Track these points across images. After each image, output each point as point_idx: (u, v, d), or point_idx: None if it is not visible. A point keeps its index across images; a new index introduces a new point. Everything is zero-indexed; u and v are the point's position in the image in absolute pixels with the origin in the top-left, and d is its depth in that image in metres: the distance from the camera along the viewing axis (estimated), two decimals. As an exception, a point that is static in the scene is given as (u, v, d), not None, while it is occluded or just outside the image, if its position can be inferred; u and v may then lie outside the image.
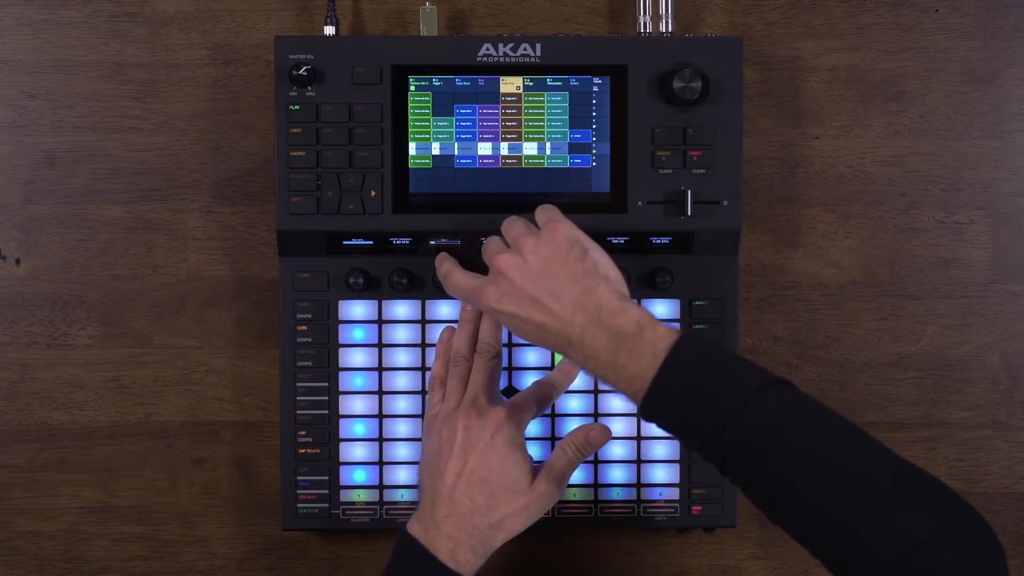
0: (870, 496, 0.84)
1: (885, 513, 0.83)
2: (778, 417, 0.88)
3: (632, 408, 1.10)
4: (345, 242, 1.09)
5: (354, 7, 1.15)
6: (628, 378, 0.92)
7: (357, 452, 1.11)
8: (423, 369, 1.11)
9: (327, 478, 1.10)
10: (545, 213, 1.01)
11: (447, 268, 1.04)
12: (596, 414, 1.11)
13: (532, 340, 0.98)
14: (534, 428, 1.10)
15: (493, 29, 1.15)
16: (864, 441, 0.88)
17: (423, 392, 1.11)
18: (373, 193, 1.08)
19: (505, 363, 1.11)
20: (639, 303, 1.10)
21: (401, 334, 1.11)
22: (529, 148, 1.09)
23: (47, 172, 1.15)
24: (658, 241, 1.10)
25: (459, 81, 1.08)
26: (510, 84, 1.08)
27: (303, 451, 1.10)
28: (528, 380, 1.10)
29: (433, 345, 1.10)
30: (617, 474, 1.11)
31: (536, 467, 1.03)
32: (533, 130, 1.09)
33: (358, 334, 1.11)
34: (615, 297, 0.95)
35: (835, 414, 0.90)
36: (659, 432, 1.11)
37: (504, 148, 1.09)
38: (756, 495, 0.89)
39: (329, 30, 1.10)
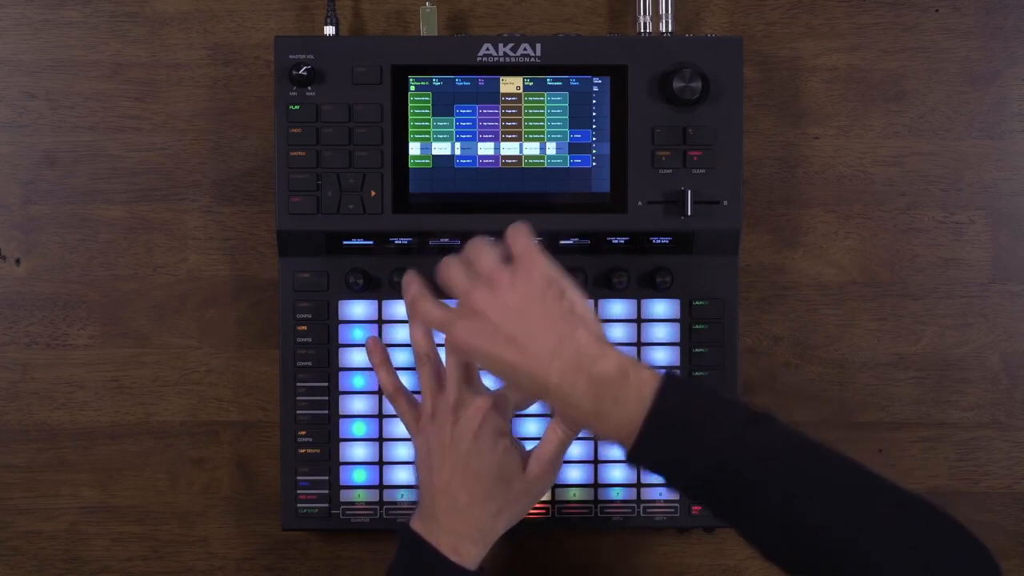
0: (876, 523, 0.83)
1: (891, 540, 0.83)
2: (770, 450, 0.87)
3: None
4: (345, 242, 1.09)
5: (354, 7, 1.15)
6: (615, 425, 0.89)
7: (357, 452, 1.11)
8: (423, 369, 1.11)
9: (327, 478, 1.10)
10: (519, 241, 0.96)
11: (414, 293, 0.98)
12: (596, 414, 1.11)
13: (502, 378, 0.95)
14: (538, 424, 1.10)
15: (493, 29, 1.15)
16: (861, 470, 0.87)
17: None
18: (373, 193, 1.08)
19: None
20: (639, 302, 1.10)
21: (401, 334, 1.11)
22: (529, 148, 1.09)
23: (47, 172, 1.15)
24: (658, 241, 1.10)
25: (459, 81, 1.08)
26: (510, 84, 1.08)
27: (303, 451, 1.10)
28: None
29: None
30: (617, 474, 1.11)
31: (528, 453, 1.02)
32: (533, 130, 1.09)
33: (358, 334, 1.11)
34: (594, 341, 0.91)
35: (825, 445, 0.89)
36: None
37: (504, 148, 1.09)
38: (751, 531, 0.88)
39: (329, 30, 1.10)
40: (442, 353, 1.04)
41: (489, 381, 1.03)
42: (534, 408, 1.10)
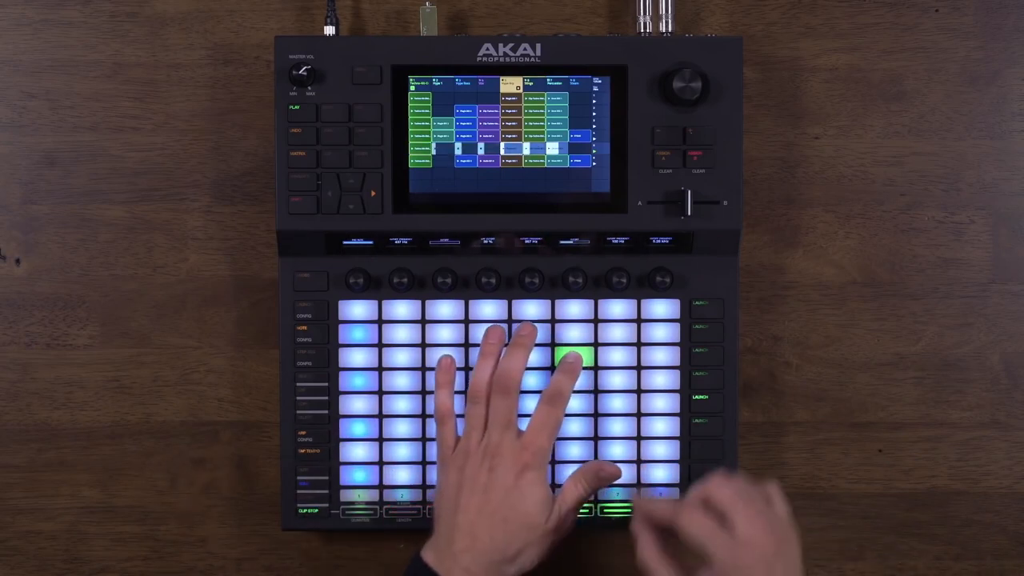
0: None
1: None
2: None
3: (631, 407, 1.11)
4: (345, 242, 1.09)
5: (354, 7, 1.15)
6: None
7: (357, 452, 1.11)
8: (423, 369, 1.11)
9: (327, 478, 1.10)
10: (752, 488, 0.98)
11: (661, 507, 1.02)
12: (596, 413, 1.11)
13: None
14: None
15: (493, 29, 1.15)
16: None
17: (423, 392, 1.11)
18: (373, 193, 1.08)
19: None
20: (639, 302, 1.11)
21: (401, 334, 1.11)
22: (529, 148, 1.09)
23: (47, 172, 1.15)
24: (658, 241, 1.10)
25: (459, 81, 1.08)
26: (510, 84, 1.08)
27: (303, 451, 1.10)
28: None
29: (434, 345, 1.10)
30: (617, 474, 1.11)
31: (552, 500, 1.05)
32: (533, 130, 1.09)
33: (358, 334, 1.11)
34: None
35: None
36: (659, 431, 1.11)
37: (504, 148, 1.09)
38: None
39: (329, 30, 1.10)
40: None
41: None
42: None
